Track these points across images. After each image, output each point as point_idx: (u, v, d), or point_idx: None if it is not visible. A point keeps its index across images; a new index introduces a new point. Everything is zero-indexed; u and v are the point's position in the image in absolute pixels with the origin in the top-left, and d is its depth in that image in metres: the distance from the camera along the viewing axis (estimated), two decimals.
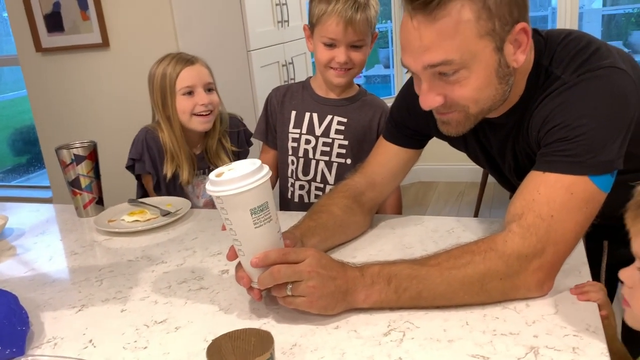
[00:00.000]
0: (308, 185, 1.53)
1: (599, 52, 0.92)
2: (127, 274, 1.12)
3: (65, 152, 1.42)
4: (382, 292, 0.86)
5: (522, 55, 0.91)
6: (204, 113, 1.55)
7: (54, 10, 2.76)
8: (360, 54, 1.40)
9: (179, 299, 0.99)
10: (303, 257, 0.86)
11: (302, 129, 1.51)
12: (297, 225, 1.09)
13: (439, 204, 3.73)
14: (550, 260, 0.86)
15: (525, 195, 0.89)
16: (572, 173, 0.86)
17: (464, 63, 0.87)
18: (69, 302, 1.02)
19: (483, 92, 0.91)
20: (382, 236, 1.18)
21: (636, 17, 7.40)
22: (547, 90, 0.94)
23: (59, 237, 1.37)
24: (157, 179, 1.55)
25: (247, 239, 0.85)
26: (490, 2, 0.85)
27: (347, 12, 1.32)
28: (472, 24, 0.85)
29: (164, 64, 1.55)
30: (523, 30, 0.89)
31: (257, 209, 0.83)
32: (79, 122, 2.90)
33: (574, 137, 0.87)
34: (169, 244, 1.25)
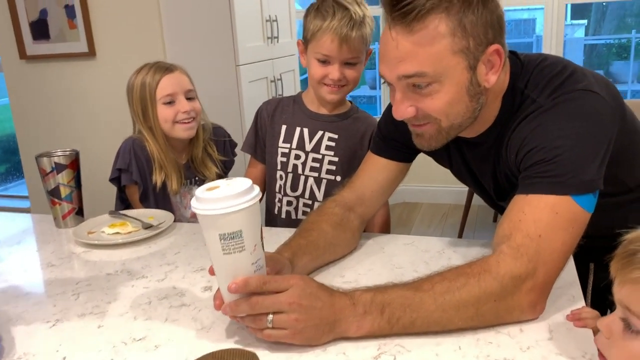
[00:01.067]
0: (296, 201, 1.49)
1: (574, 76, 0.95)
2: (105, 288, 1.07)
3: (45, 160, 1.37)
4: (375, 322, 0.82)
5: (493, 76, 0.93)
6: (186, 120, 1.52)
7: (40, 18, 2.73)
8: (354, 71, 1.38)
9: (159, 315, 0.95)
10: (285, 286, 0.81)
11: (292, 144, 1.48)
12: (287, 244, 1.05)
13: (423, 225, 3.71)
14: (542, 281, 0.85)
15: (511, 217, 0.89)
16: (554, 193, 0.87)
17: (437, 77, 0.90)
18: (43, 316, 0.97)
19: (453, 107, 0.93)
20: (371, 255, 1.15)
21: (617, 47, 7.57)
22: (524, 113, 0.96)
23: (35, 247, 1.32)
24: (143, 189, 1.51)
25: (217, 263, 0.81)
26: (467, 21, 0.88)
27: (342, 30, 1.31)
28: (448, 40, 0.88)
29: (142, 74, 1.52)
30: (496, 52, 0.92)
31: (227, 235, 0.77)
32: (61, 132, 2.85)
33: (552, 157, 0.88)
34: (150, 257, 1.21)
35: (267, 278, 0.82)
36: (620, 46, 7.55)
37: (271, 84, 2.80)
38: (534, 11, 7.12)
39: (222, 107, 2.51)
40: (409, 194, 4.05)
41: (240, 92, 2.55)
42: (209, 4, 2.47)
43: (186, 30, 2.55)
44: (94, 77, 2.73)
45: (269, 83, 2.78)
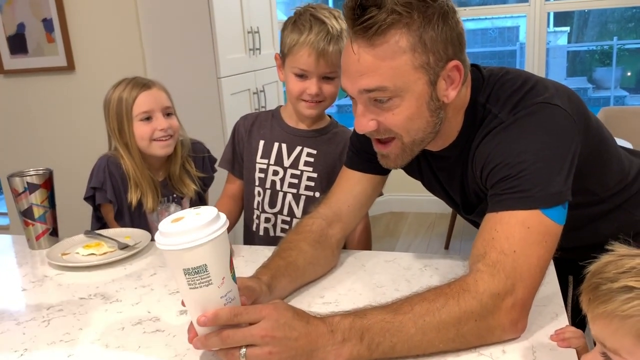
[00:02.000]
0: (274, 218, 1.46)
1: (534, 89, 0.95)
2: (77, 313, 1.03)
3: (17, 180, 1.33)
4: (355, 349, 0.79)
5: (453, 92, 0.94)
6: (163, 138, 1.49)
7: (18, 32, 2.69)
8: (332, 86, 1.36)
9: (131, 343, 0.91)
10: (257, 318, 0.77)
11: (270, 160, 1.45)
12: (266, 266, 1.03)
13: (410, 235, 3.70)
14: (522, 298, 0.83)
15: (484, 236, 0.89)
16: (524, 208, 0.86)
17: (397, 91, 0.90)
18: (11, 346, 0.93)
19: (414, 122, 0.94)
20: (352, 273, 1.13)
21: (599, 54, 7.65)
22: (486, 128, 0.96)
23: (7, 271, 1.28)
24: (117, 208, 1.47)
25: (185, 297, 0.78)
26: (427, 37, 0.88)
27: (319, 44, 1.29)
28: (408, 55, 0.88)
29: (119, 89, 1.49)
30: (456, 68, 0.92)
31: (191, 270, 0.74)
32: (40, 147, 2.81)
33: (517, 173, 0.88)
34: (125, 280, 1.17)
35: (239, 310, 0.78)
36: (602, 53, 7.63)
37: (254, 96, 2.77)
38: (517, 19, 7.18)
39: (203, 120, 2.48)
40: (395, 204, 4.04)
41: (222, 105, 2.53)
42: (189, 16, 2.45)
43: (166, 43, 2.52)
44: (73, 91, 2.69)
45: (252, 95, 2.76)
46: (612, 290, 0.57)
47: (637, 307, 0.55)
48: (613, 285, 0.57)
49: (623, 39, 6.87)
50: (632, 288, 0.56)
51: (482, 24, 7.40)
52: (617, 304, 0.56)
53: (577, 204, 0.92)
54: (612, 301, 0.57)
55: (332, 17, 1.32)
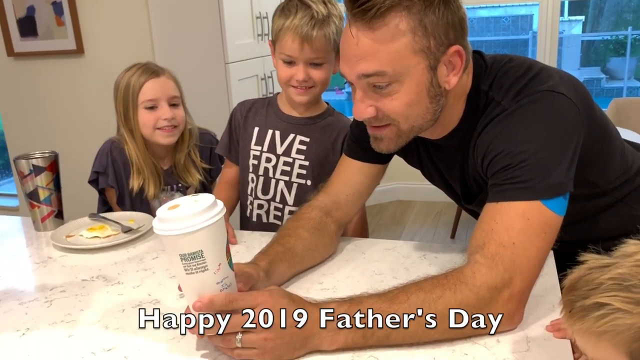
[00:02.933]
0: (267, 204, 1.46)
1: (538, 77, 0.93)
2: (79, 295, 1.05)
3: (23, 163, 1.35)
4: (349, 337, 0.80)
5: (454, 78, 0.92)
6: (166, 128, 1.48)
7: (28, 15, 2.70)
8: (320, 72, 1.33)
9: (131, 324, 0.93)
10: (253, 304, 0.78)
11: (263, 147, 1.44)
12: (265, 252, 1.03)
13: (416, 224, 3.70)
14: (519, 291, 0.83)
15: (483, 227, 0.88)
16: (524, 199, 0.85)
17: (397, 76, 0.88)
18: (14, 325, 0.95)
19: (413, 108, 0.92)
20: (351, 261, 1.14)
21: (614, 44, 7.54)
22: (488, 116, 0.94)
23: (12, 252, 1.29)
24: (119, 193, 1.48)
25: (182, 283, 0.79)
26: (427, 21, 0.86)
27: (302, 29, 1.26)
28: (408, 39, 0.87)
29: (129, 74, 1.49)
30: (457, 53, 0.90)
31: (187, 255, 0.75)
32: (49, 130, 2.83)
33: (517, 163, 0.87)
34: (127, 262, 1.19)
35: (234, 296, 0.78)
36: (617, 42, 7.52)
37: (261, 82, 2.77)
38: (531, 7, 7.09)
39: (210, 105, 2.48)
40: (402, 192, 4.03)
41: (229, 90, 2.53)
42: (198, 1, 2.44)
43: (175, 27, 2.52)
44: (82, 74, 2.70)
45: (259, 81, 2.76)
46: (585, 308, 0.58)
47: (609, 322, 0.56)
48: (585, 302, 0.58)
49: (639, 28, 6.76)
50: (603, 305, 0.56)
51: (495, 11, 7.30)
52: (591, 321, 0.57)
53: (578, 196, 0.91)
54: (586, 319, 0.58)
55: (320, 2, 1.30)
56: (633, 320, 0.54)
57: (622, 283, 0.56)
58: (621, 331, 0.55)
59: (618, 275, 0.57)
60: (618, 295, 0.56)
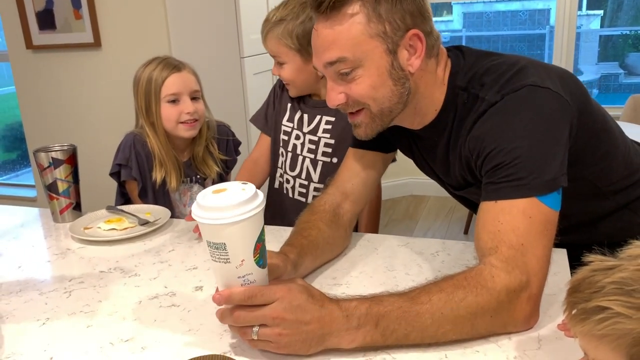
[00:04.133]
0: (293, 181, 1.53)
1: (523, 71, 0.95)
2: (97, 286, 1.07)
3: (42, 155, 1.37)
4: (368, 335, 0.80)
5: (417, 60, 0.96)
6: (189, 121, 1.52)
7: (47, 8, 2.73)
8: (285, 71, 1.46)
9: (148, 316, 0.95)
10: (271, 299, 0.78)
11: (294, 124, 1.52)
12: (291, 244, 1.04)
13: (429, 219, 3.70)
14: (536, 292, 0.84)
15: (488, 228, 0.88)
16: (521, 196, 0.86)
17: (357, 62, 0.94)
18: (34, 315, 0.97)
19: (378, 90, 0.96)
20: (364, 256, 1.15)
21: (633, 39, 7.44)
22: (475, 113, 0.96)
23: (32, 243, 1.32)
24: (142, 186, 1.51)
25: (215, 272, 0.81)
26: (382, 9, 0.92)
27: (262, 33, 1.43)
28: (363, 25, 0.92)
29: (150, 68, 1.51)
30: (416, 37, 0.95)
31: (212, 244, 0.77)
32: (66, 122, 2.86)
33: (511, 160, 0.88)
34: (144, 255, 1.21)
35: (253, 292, 0.79)
36: (636, 37, 7.41)
37: (276, 76, 2.78)
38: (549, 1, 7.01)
39: (226, 99, 2.50)
40: (416, 187, 4.03)
41: (244, 84, 2.54)
42: None
43: (191, 21, 2.54)
44: (100, 67, 2.73)
45: (273, 75, 2.76)
46: (587, 311, 0.58)
47: (610, 326, 0.56)
48: (587, 305, 0.58)
49: None
50: (604, 308, 0.57)
51: (512, 5, 7.23)
52: (592, 324, 0.57)
53: (578, 195, 0.91)
54: (587, 322, 0.58)
55: (282, 6, 1.41)
56: (633, 325, 0.55)
57: (624, 287, 0.57)
58: (621, 335, 0.56)
59: (620, 279, 0.57)
60: (619, 299, 0.56)
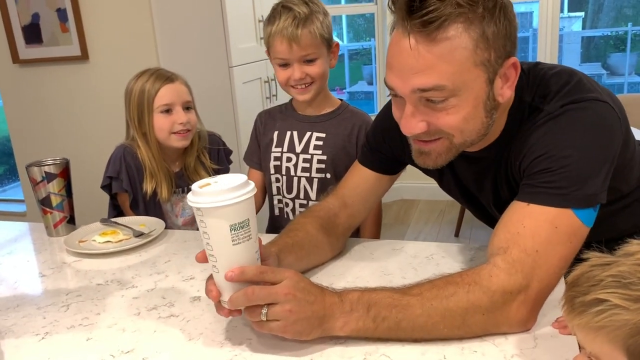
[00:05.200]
0: (292, 203, 1.53)
1: (581, 84, 0.92)
2: (95, 298, 1.07)
3: (36, 170, 1.37)
4: (360, 320, 0.83)
5: (508, 90, 0.90)
6: (181, 131, 1.53)
7: (33, 22, 2.72)
8: (316, 67, 1.40)
9: (147, 327, 0.95)
10: (281, 278, 0.82)
11: (283, 147, 1.51)
12: (274, 242, 1.06)
13: (420, 222, 3.72)
14: (535, 297, 0.84)
15: (509, 228, 0.87)
16: (556, 205, 0.85)
17: (455, 91, 0.85)
18: (33, 329, 0.97)
19: (469, 123, 0.89)
20: (360, 261, 1.16)
21: (614, 39, 7.55)
22: (531, 122, 0.93)
23: (26, 257, 1.32)
24: (133, 197, 1.51)
25: (224, 255, 0.82)
26: (489, 32, 0.83)
27: (288, 30, 1.34)
28: (470, 51, 0.83)
29: (142, 80, 1.52)
30: (513, 65, 0.89)
31: (237, 225, 0.80)
32: (55, 136, 2.85)
33: (558, 168, 0.86)
34: (140, 266, 1.21)
35: (264, 268, 0.83)
36: (617, 38, 7.52)
37: (265, 85, 2.79)
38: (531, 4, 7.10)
39: (215, 108, 2.50)
40: (406, 191, 4.05)
41: (233, 94, 2.55)
42: (201, 6, 2.47)
43: (179, 32, 2.54)
44: (87, 80, 2.73)
45: (262, 83, 2.78)
46: (585, 304, 0.60)
47: (607, 318, 0.57)
48: (585, 298, 0.60)
49: (639, 24, 6.77)
50: (602, 301, 0.58)
51: None
52: (590, 316, 0.59)
53: (605, 203, 0.89)
54: (585, 314, 0.59)
55: (302, 3, 1.37)
56: (630, 316, 0.56)
57: (622, 280, 0.58)
58: (618, 327, 0.57)
59: (618, 273, 0.59)
60: (617, 292, 0.58)
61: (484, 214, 1.16)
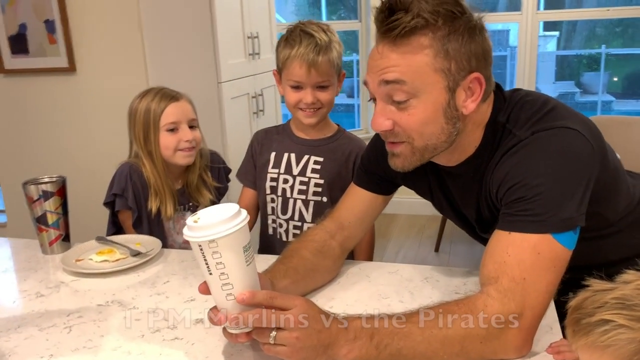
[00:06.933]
0: (286, 224, 1.55)
1: (554, 111, 0.98)
2: (97, 320, 1.08)
3: (32, 188, 1.37)
4: (364, 348, 0.86)
5: (472, 104, 0.97)
6: (187, 149, 1.55)
7: (20, 32, 2.71)
8: (327, 94, 1.45)
9: (153, 350, 0.97)
10: (291, 305, 0.85)
11: (280, 169, 1.54)
12: (268, 270, 1.09)
13: (401, 237, 3.77)
14: (529, 325, 0.88)
15: (495, 258, 0.92)
16: (535, 232, 0.90)
17: (415, 91, 0.94)
18: (37, 352, 0.98)
19: (428, 126, 0.96)
20: (357, 284, 1.19)
21: (587, 59, 7.77)
22: (504, 146, 0.99)
23: (22, 276, 1.32)
24: (137, 215, 1.53)
25: (239, 278, 0.85)
26: (450, 46, 0.93)
27: (309, 55, 1.38)
28: (430, 58, 0.93)
29: (147, 99, 1.54)
30: (477, 80, 0.96)
31: (247, 246, 0.84)
32: (40, 147, 2.82)
33: (532, 196, 0.91)
34: (139, 287, 1.22)
35: (275, 294, 0.86)
36: (590, 57, 7.74)
37: (252, 100, 2.82)
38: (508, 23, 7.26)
39: (204, 123, 2.50)
40: (387, 206, 4.10)
41: (222, 109, 2.57)
42: (191, 21, 2.48)
43: (168, 47, 2.55)
44: (74, 92, 2.72)
45: (250, 99, 2.80)
46: (591, 324, 0.64)
47: (613, 337, 0.62)
48: (591, 319, 0.64)
49: (611, 43, 6.98)
50: (607, 321, 0.63)
51: None
52: (596, 336, 0.63)
53: (589, 228, 0.94)
54: (591, 334, 0.64)
55: (321, 30, 1.42)
56: (634, 335, 0.61)
57: (625, 302, 0.63)
58: (623, 345, 0.61)
59: (621, 296, 0.64)
60: (621, 313, 0.62)
61: (474, 230, 1.21)
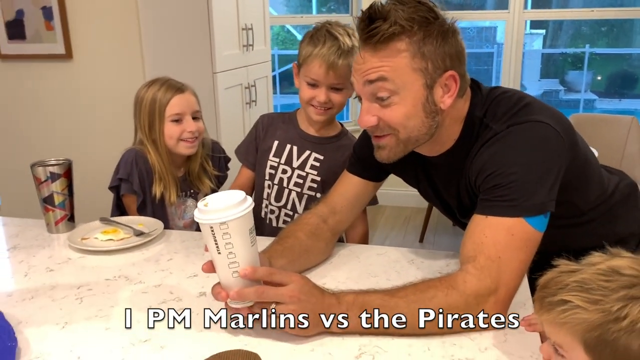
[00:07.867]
0: (278, 211, 1.62)
1: (528, 107, 1.08)
2: (106, 292, 1.16)
3: (40, 170, 1.44)
4: (354, 321, 0.96)
5: (449, 99, 1.07)
6: (190, 139, 1.62)
7: (17, 18, 2.75)
8: (340, 96, 1.50)
9: (160, 319, 1.04)
10: (288, 280, 0.95)
11: (281, 159, 1.60)
12: (265, 250, 1.18)
13: (387, 228, 3.87)
14: (503, 299, 0.99)
15: (474, 239, 1.03)
16: (510, 215, 1.00)
17: (396, 88, 1.04)
18: (52, 319, 1.05)
19: (410, 120, 1.06)
20: (348, 264, 1.28)
21: (572, 57, 7.91)
22: (481, 138, 1.09)
23: (31, 252, 1.39)
24: (142, 199, 1.60)
25: (245, 257, 0.94)
26: (425, 49, 1.03)
27: (330, 57, 1.43)
28: (408, 59, 1.03)
29: (153, 89, 1.61)
30: (452, 78, 1.06)
31: (252, 229, 0.94)
32: (35, 132, 2.87)
33: (507, 183, 1.01)
34: (144, 264, 1.30)
35: (273, 270, 0.96)
36: (575, 56, 7.88)
37: (245, 91, 2.89)
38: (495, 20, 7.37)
39: None
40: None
41: (216, 99, 2.64)
42: (187, 13, 2.55)
43: (165, 37, 2.61)
44: (71, 79, 2.77)
45: (243, 89, 2.88)
46: (553, 303, 0.74)
47: (570, 316, 0.71)
48: (553, 298, 0.74)
49: (596, 42, 7.12)
50: (566, 301, 0.72)
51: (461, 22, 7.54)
52: (556, 313, 0.73)
53: (561, 215, 1.05)
54: (552, 311, 0.73)
55: (346, 34, 1.47)
56: (588, 315, 0.71)
57: (583, 286, 0.73)
58: (578, 323, 0.71)
59: (581, 279, 0.73)
60: (579, 295, 0.72)
61: (456, 217, 1.31)
